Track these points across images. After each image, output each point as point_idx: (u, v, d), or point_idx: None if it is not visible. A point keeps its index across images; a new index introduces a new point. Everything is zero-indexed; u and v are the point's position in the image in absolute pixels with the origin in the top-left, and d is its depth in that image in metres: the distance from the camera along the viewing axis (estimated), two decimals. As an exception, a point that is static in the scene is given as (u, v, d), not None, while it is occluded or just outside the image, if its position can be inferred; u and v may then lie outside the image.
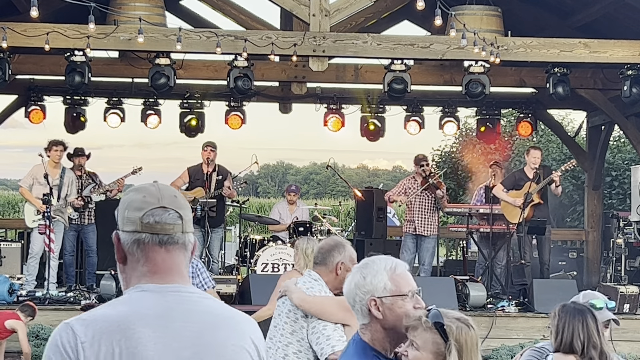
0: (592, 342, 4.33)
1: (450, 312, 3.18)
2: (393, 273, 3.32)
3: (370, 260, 3.46)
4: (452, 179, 24.37)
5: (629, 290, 11.33)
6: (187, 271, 2.41)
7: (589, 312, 4.43)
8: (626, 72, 11.32)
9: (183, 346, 2.30)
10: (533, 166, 12.16)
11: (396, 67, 11.13)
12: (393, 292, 3.29)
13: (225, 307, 2.45)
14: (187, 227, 2.42)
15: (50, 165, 11.78)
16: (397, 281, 3.31)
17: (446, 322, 3.08)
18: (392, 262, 3.40)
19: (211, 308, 2.40)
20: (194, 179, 12.76)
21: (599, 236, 14.88)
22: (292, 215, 14.02)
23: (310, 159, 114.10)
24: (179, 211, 2.41)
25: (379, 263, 3.37)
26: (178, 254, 2.40)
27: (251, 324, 2.47)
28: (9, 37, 10.35)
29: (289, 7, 10.94)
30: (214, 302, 2.45)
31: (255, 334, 2.45)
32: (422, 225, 12.74)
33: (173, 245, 2.39)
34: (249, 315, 2.53)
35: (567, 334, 4.37)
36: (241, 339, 2.39)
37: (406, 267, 3.43)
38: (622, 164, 19.56)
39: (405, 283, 3.33)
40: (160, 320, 2.30)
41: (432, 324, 3.07)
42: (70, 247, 12.49)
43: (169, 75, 11.12)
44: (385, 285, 3.30)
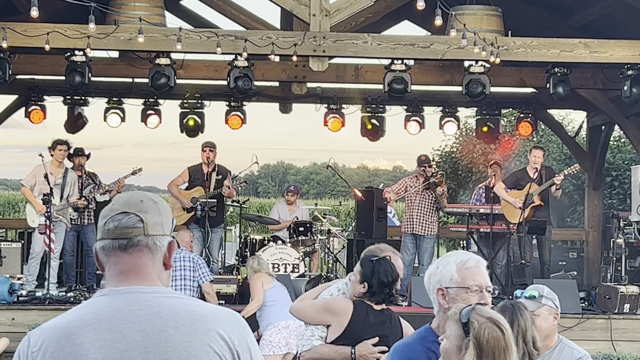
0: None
1: (489, 312, 3.09)
2: (462, 266, 3.54)
3: (448, 253, 3.73)
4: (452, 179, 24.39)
5: (629, 290, 11.32)
6: (156, 272, 2.47)
7: (509, 312, 4.31)
8: (626, 72, 11.31)
9: (130, 347, 2.33)
10: (534, 166, 12.18)
11: (396, 67, 11.12)
12: (458, 284, 3.51)
13: (189, 305, 2.45)
14: (151, 229, 2.48)
15: (54, 165, 11.79)
16: (464, 274, 3.52)
17: (473, 317, 3.02)
18: (466, 256, 3.61)
19: (169, 307, 2.41)
20: (194, 178, 12.78)
21: (599, 236, 14.87)
22: (291, 215, 14.03)
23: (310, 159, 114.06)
24: (140, 214, 2.48)
25: (452, 256, 3.61)
26: (141, 256, 2.46)
27: (220, 318, 2.43)
28: (9, 37, 10.35)
29: (289, 7, 10.94)
30: (177, 300, 2.45)
31: (228, 328, 2.42)
32: (421, 225, 12.75)
33: (133, 248, 2.45)
34: (228, 309, 2.51)
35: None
36: (202, 335, 2.38)
37: (480, 263, 3.58)
38: (623, 164, 19.57)
39: (472, 277, 3.53)
40: (105, 324, 2.35)
41: (458, 317, 3.06)
42: (70, 247, 12.49)
43: (169, 75, 11.12)
44: (452, 276, 3.53)
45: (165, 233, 2.52)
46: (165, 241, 2.52)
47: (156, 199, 2.56)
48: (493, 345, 2.98)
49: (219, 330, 2.40)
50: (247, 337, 2.48)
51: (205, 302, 2.57)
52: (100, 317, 2.36)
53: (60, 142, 11.97)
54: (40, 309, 10.72)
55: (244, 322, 2.51)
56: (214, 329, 2.40)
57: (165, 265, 2.52)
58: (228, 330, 2.42)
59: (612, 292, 11.39)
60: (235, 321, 2.47)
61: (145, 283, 2.45)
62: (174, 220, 2.63)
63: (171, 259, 2.54)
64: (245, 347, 2.45)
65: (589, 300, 12.09)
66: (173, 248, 2.53)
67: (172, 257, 2.54)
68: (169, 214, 2.58)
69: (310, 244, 12.95)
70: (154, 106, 14.30)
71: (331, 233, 13.53)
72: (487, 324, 3.01)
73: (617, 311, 11.23)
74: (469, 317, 3.03)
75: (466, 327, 3.02)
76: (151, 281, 2.47)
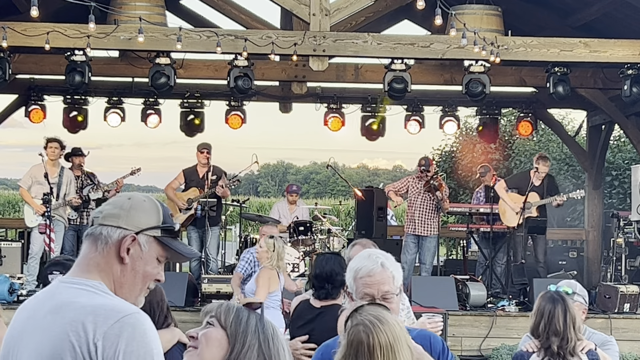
0: (552, 329, 4.83)
1: (369, 315, 3.02)
2: (356, 276, 3.58)
3: (359, 253, 3.75)
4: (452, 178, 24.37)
5: (629, 289, 11.33)
6: (97, 262, 2.55)
7: (560, 302, 4.89)
8: (626, 71, 11.31)
9: (15, 328, 2.57)
10: (539, 176, 12.22)
11: (396, 66, 11.12)
12: (354, 292, 3.61)
13: (79, 296, 2.49)
14: (104, 220, 2.59)
15: (49, 164, 11.77)
16: (357, 284, 3.59)
17: (350, 319, 3.04)
18: (360, 263, 3.59)
19: (62, 296, 2.50)
20: (189, 180, 12.78)
21: (599, 236, 14.87)
22: (292, 214, 14.02)
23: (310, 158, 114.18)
24: (103, 206, 2.64)
25: (353, 261, 3.67)
26: (87, 244, 2.61)
27: (98, 313, 2.42)
28: (9, 37, 10.35)
29: (289, 6, 10.93)
30: (76, 291, 2.50)
31: (99, 323, 2.40)
32: (422, 226, 12.76)
33: (87, 237, 2.62)
34: (128, 313, 2.44)
35: (537, 319, 4.94)
36: (67, 323, 2.42)
37: (373, 271, 3.54)
38: (623, 163, 19.56)
39: (362, 288, 3.58)
40: (27, 307, 2.60)
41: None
42: (70, 246, 12.48)
43: (169, 74, 11.12)
44: (350, 284, 3.66)
45: (121, 226, 2.57)
46: (117, 234, 2.56)
47: (135, 197, 2.63)
48: (356, 347, 2.96)
49: (85, 322, 2.41)
50: (124, 340, 2.39)
51: (110, 299, 2.52)
52: (32, 301, 2.60)
53: (51, 140, 11.93)
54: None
55: (130, 327, 2.41)
56: (80, 320, 2.41)
57: (120, 258, 2.56)
58: (97, 324, 2.41)
59: (612, 292, 11.39)
60: (117, 321, 2.41)
61: (78, 273, 2.57)
62: (162, 218, 2.62)
63: (125, 253, 2.55)
64: (112, 346, 2.39)
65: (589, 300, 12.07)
66: (127, 243, 2.55)
67: (126, 252, 2.55)
68: (141, 212, 2.60)
69: (310, 244, 12.95)
70: (153, 106, 14.30)
71: (331, 232, 13.54)
72: (357, 327, 2.99)
73: (617, 311, 11.24)
74: (348, 318, 3.06)
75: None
76: (85, 271, 2.56)
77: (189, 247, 2.76)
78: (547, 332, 4.85)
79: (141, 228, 2.59)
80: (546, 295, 5.03)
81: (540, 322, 4.91)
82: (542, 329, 4.88)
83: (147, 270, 2.61)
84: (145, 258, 2.59)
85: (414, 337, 3.54)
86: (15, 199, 35.71)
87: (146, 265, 2.60)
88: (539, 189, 12.28)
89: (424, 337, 3.66)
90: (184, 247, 2.69)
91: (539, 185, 12.27)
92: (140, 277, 2.60)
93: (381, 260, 3.56)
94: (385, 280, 3.50)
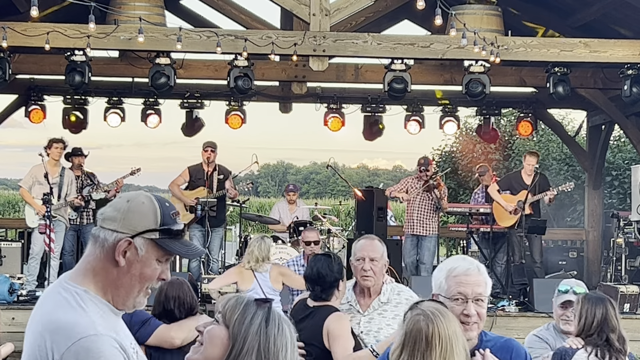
0: (610, 326, 4.92)
1: (429, 307, 3.08)
2: (450, 274, 3.55)
3: (451, 257, 3.83)
4: (452, 178, 24.37)
5: (629, 289, 11.32)
6: (93, 265, 2.59)
7: (608, 301, 4.99)
8: (626, 71, 11.31)
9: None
10: (529, 172, 12.23)
11: (396, 66, 11.12)
12: (445, 292, 3.55)
13: (54, 309, 2.53)
14: (103, 222, 2.61)
15: (50, 164, 11.77)
16: (450, 283, 3.54)
17: (408, 311, 3.09)
18: (457, 263, 3.61)
19: (45, 306, 2.56)
20: (195, 178, 12.76)
21: (599, 236, 14.87)
22: (292, 214, 14.02)
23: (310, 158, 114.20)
24: (105, 207, 2.66)
25: (448, 261, 3.66)
26: (88, 245, 2.64)
27: (57, 332, 2.45)
28: (9, 37, 10.34)
29: (289, 6, 10.93)
30: (58, 300, 2.55)
31: (58, 344, 2.43)
32: (421, 225, 12.78)
33: (90, 238, 2.64)
34: (79, 332, 2.46)
35: (589, 319, 4.97)
36: (38, 336, 2.48)
37: (470, 270, 3.53)
38: (623, 163, 19.56)
39: (456, 287, 3.53)
40: (33, 310, 2.64)
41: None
42: (70, 247, 12.49)
43: (169, 74, 11.12)
44: (441, 284, 3.55)
45: (117, 230, 2.57)
46: (112, 237, 2.57)
47: (135, 199, 2.62)
48: (415, 336, 2.98)
49: (47, 340, 2.46)
50: (60, 341, 2.44)
51: (77, 316, 2.51)
52: (36, 304, 2.68)
53: (56, 140, 11.94)
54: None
55: (84, 351, 2.43)
56: (44, 337, 2.47)
57: (115, 261, 2.57)
58: (55, 344, 2.44)
59: (612, 292, 11.37)
60: (73, 344, 2.43)
61: (74, 274, 2.62)
62: (160, 219, 2.61)
63: (120, 257, 2.56)
64: (57, 347, 2.43)
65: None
66: (122, 248, 2.56)
67: (121, 256, 2.56)
68: (138, 214, 2.59)
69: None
70: (153, 106, 14.30)
71: (331, 233, 13.53)
72: (417, 316, 3.01)
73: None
74: (407, 310, 3.08)
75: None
76: (81, 274, 2.61)
77: (189, 247, 2.71)
78: (601, 329, 4.92)
79: (137, 231, 2.58)
80: (591, 297, 5.14)
81: (592, 321, 4.97)
82: (596, 327, 4.94)
83: (144, 272, 2.60)
84: (142, 261, 2.59)
85: (497, 347, 3.51)
86: (15, 199, 35.71)
87: (144, 268, 2.60)
88: (532, 188, 12.28)
89: (507, 349, 3.59)
90: (182, 247, 2.64)
91: (530, 183, 12.25)
92: (137, 280, 2.60)
93: (477, 264, 3.58)
94: (480, 283, 3.49)
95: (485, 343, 3.52)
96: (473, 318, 3.41)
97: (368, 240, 5.30)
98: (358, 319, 5.21)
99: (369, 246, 5.21)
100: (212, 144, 12.78)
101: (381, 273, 5.23)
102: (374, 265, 5.14)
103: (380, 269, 5.19)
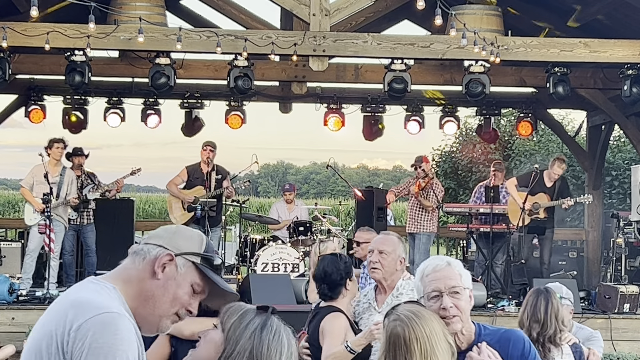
0: (534, 318, 5.16)
1: (405, 311, 3.15)
2: (422, 275, 3.61)
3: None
4: (452, 178, 24.38)
5: (629, 289, 11.32)
6: (129, 273, 2.59)
7: (543, 293, 5.26)
8: (626, 71, 11.31)
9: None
10: (553, 177, 12.24)
11: (396, 66, 11.12)
12: (422, 293, 3.61)
13: (80, 292, 2.55)
14: (149, 239, 2.67)
15: (51, 164, 11.78)
16: (424, 283, 3.59)
17: (387, 315, 3.17)
18: (427, 263, 3.68)
19: (73, 295, 2.55)
20: (192, 178, 12.78)
21: (599, 236, 14.86)
22: (290, 214, 14.03)
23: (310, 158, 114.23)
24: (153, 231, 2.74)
25: (420, 266, 3.66)
26: (127, 258, 2.66)
27: (85, 308, 2.45)
28: (9, 37, 10.34)
29: (289, 6, 10.93)
30: (85, 286, 2.57)
31: (80, 317, 2.43)
32: (413, 224, 13.02)
33: (128, 254, 2.68)
34: (104, 311, 2.45)
35: (522, 310, 5.32)
36: (56, 314, 2.49)
37: (439, 267, 3.59)
38: (622, 163, 19.56)
39: (429, 284, 3.58)
40: None
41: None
42: (70, 247, 12.49)
43: (169, 74, 11.11)
44: (419, 287, 3.61)
45: (162, 245, 2.62)
46: (155, 251, 2.61)
47: (184, 227, 2.76)
48: (394, 342, 3.04)
49: (68, 314, 2.46)
50: (93, 335, 2.41)
51: (101, 297, 2.52)
52: None
53: (57, 140, 11.95)
54: (40, 309, 10.70)
55: (102, 324, 2.42)
56: (65, 311, 2.47)
57: (153, 273, 2.58)
58: (76, 317, 2.44)
59: (612, 292, 11.39)
60: (93, 316, 2.43)
61: (102, 277, 2.62)
62: (204, 248, 2.66)
63: (159, 269, 2.58)
64: (82, 339, 2.41)
65: (588, 300, 12.09)
66: (163, 260, 2.58)
67: (160, 269, 2.57)
68: (185, 238, 2.66)
69: (310, 244, 12.95)
70: (153, 106, 14.30)
71: (331, 233, 13.53)
72: (394, 322, 3.08)
73: (617, 311, 11.23)
74: (385, 316, 3.15)
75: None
76: (112, 277, 2.61)
77: (224, 281, 2.72)
78: (529, 321, 5.18)
79: (181, 251, 2.62)
80: (533, 289, 5.46)
81: (523, 312, 5.26)
82: (526, 318, 5.21)
83: (178, 293, 2.60)
84: (179, 280, 2.60)
85: (495, 340, 3.54)
86: (15, 199, 35.71)
87: (178, 288, 2.60)
88: (549, 190, 12.28)
89: (505, 341, 3.61)
90: (221, 280, 2.67)
91: (551, 186, 12.27)
92: (170, 298, 2.60)
93: (447, 259, 3.63)
94: (452, 276, 3.52)
95: (484, 337, 3.54)
96: (451, 311, 3.42)
97: (382, 234, 5.44)
98: (374, 316, 5.22)
99: (380, 239, 5.34)
100: (212, 143, 12.80)
101: (392, 267, 5.26)
102: (383, 257, 5.21)
103: (390, 262, 5.24)
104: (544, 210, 12.24)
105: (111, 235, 13.18)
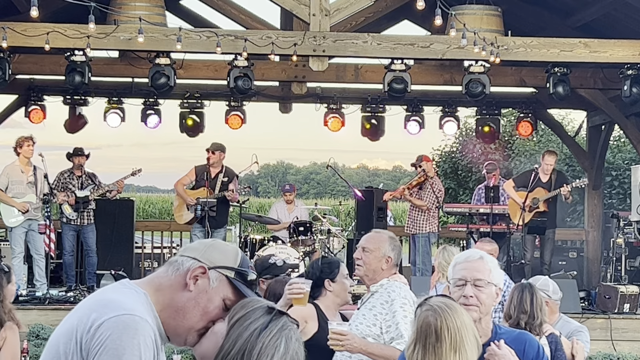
0: (521, 309, 5.45)
1: (437, 302, 3.24)
2: (454, 264, 3.81)
3: None
4: (452, 178, 24.37)
5: (629, 290, 11.32)
6: (161, 281, 2.60)
7: (528, 288, 5.57)
8: (626, 71, 11.31)
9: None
10: (546, 171, 12.23)
11: (396, 66, 11.12)
12: (450, 280, 3.86)
13: (106, 293, 2.57)
14: (184, 251, 2.67)
15: (22, 163, 11.73)
16: (453, 271, 3.84)
17: (419, 307, 3.26)
18: (460, 254, 3.96)
19: (101, 295, 2.58)
20: (199, 178, 12.81)
21: (599, 236, 14.86)
22: (290, 214, 14.02)
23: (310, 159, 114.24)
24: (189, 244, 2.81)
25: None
26: (161, 268, 2.67)
27: (110, 307, 2.46)
28: (9, 37, 10.35)
29: (289, 6, 10.93)
30: (114, 287, 2.59)
31: (102, 316, 2.44)
32: (412, 224, 13.02)
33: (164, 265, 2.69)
34: (127, 312, 2.46)
35: (508, 304, 5.59)
36: (81, 312, 2.50)
37: (470, 257, 3.80)
38: (622, 163, 19.55)
39: (456, 273, 3.83)
40: None
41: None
42: (70, 247, 12.48)
43: (169, 75, 11.12)
44: (449, 274, 3.87)
45: (196, 258, 2.60)
46: (188, 263, 2.60)
47: (220, 241, 2.75)
48: (425, 330, 3.14)
49: (92, 312, 2.47)
50: (112, 334, 2.42)
51: (128, 298, 2.54)
52: None
53: (26, 138, 11.86)
54: (40, 309, 10.72)
55: (122, 325, 2.43)
56: (91, 309, 2.49)
57: (185, 284, 2.58)
58: (99, 315, 2.45)
59: (612, 292, 11.38)
60: (116, 316, 2.44)
61: (140, 283, 2.63)
62: (239, 262, 2.65)
63: (191, 281, 2.57)
64: (101, 336, 2.42)
65: (588, 300, 12.08)
66: (196, 272, 2.57)
67: (192, 281, 2.57)
68: (220, 251, 2.64)
69: (310, 244, 12.95)
70: (153, 106, 14.29)
71: (331, 233, 13.53)
72: (426, 312, 3.18)
73: (617, 311, 11.23)
74: (417, 306, 3.25)
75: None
76: (144, 284, 2.61)
77: (261, 299, 2.67)
78: (517, 312, 5.48)
79: (215, 264, 2.60)
80: (516, 285, 5.79)
81: (510, 305, 5.53)
82: (513, 310, 5.49)
83: (208, 306, 2.58)
84: (210, 294, 2.58)
85: (511, 339, 3.70)
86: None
87: (209, 302, 2.58)
88: (546, 184, 12.27)
89: (520, 341, 3.77)
90: (255, 295, 2.63)
91: (547, 181, 12.27)
92: (200, 311, 2.57)
93: (482, 254, 3.80)
94: (480, 269, 3.70)
95: (500, 335, 3.70)
96: (471, 300, 3.59)
97: (371, 232, 5.41)
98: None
99: (366, 236, 5.30)
100: (216, 146, 12.78)
101: (375, 265, 5.14)
102: (365, 255, 5.15)
103: (372, 259, 5.14)
104: (543, 204, 12.21)
105: (111, 236, 13.18)
